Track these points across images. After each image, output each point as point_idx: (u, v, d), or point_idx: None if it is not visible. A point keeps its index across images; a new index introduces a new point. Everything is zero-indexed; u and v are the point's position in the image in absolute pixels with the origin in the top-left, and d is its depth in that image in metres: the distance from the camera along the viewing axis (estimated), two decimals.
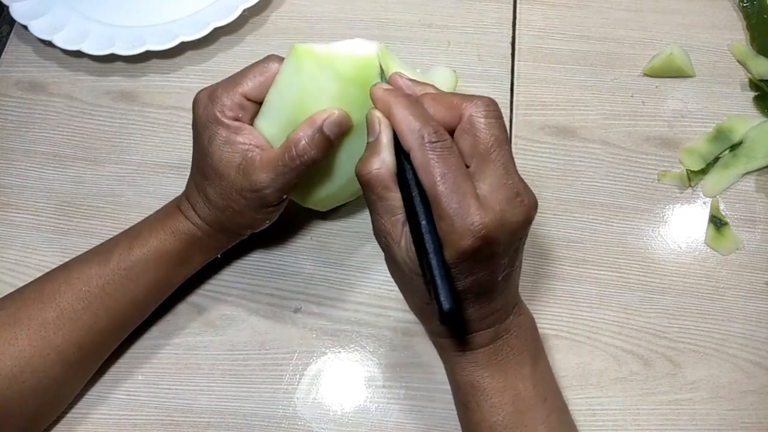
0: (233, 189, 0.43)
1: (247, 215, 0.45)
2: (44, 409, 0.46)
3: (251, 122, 0.44)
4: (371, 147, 0.38)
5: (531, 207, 0.37)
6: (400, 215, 0.38)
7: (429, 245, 0.36)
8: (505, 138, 0.37)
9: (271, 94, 0.43)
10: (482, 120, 0.37)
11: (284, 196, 0.44)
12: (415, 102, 0.38)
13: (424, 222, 0.36)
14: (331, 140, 0.42)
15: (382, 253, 0.53)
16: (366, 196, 0.39)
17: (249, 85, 0.43)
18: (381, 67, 0.41)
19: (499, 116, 0.37)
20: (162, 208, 0.49)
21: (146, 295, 0.47)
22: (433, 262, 0.35)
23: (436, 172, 0.35)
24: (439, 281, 0.35)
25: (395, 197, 0.38)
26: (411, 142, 0.36)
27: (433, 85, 0.41)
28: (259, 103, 0.44)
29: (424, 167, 0.36)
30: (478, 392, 0.41)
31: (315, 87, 0.41)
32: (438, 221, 0.36)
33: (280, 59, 0.43)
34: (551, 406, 0.42)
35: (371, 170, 0.38)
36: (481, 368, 0.41)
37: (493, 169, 0.36)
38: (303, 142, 0.41)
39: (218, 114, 0.43)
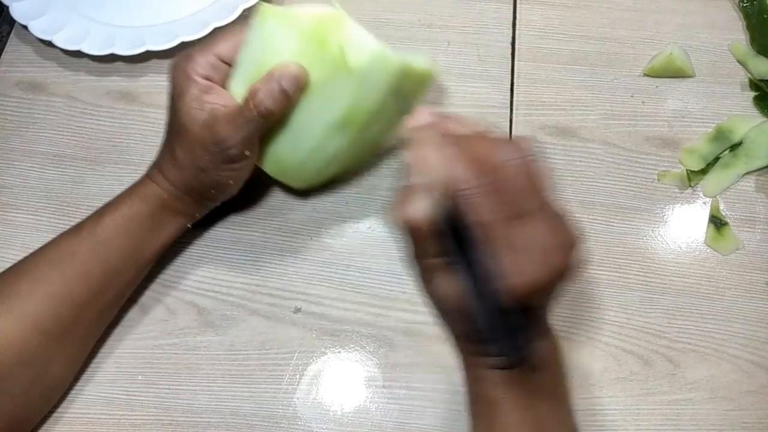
0: (198, 145, 0.45)
1: (211, 173, 0.46)
2: (32, 392, 0.45)
3: (221, 84, 0.46)
4: (411, 189, 0.36)
5: (572, 251, 0.35)
6: (435, 260, 0.36)
7: (488, 294, 0.34)
8: (542, 183, 0.35)
9: (239, 55, 0.46)
10: (520, 168, 0.35)
11: (246, 152, 0.45)
12: (454, 142, 0.35)
13: (478, 270, 0.34)
14: (288, 94, 0.43)
15: (383, 253, 0.54)
16: (406, 240, 0.37)
17: (222, 46, 0.45)
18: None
19: (534, 161, 0.35)
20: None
21: (117, 261, 0.47)
22: (494, 310, 0.34)
23: (485, 218, 0.33)
24: (506, 333, 0.35)
25: (431, 244, 0.35)
26: (458, 184, 0.34)
27: (457, 117, 0.39)
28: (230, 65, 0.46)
29: (475, 213, 0.34)
30: (502, 407, 0.39)
31: (277, 44, 0.44)
32: (491, 269, 0.34)
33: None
34: (570, 428, 0.41)
35: (407, 216, 0.35)
36: (507, 385, 0.39)
37: (541, 216, 0.35)
38: (260, 93, 0.43)
39: (190, 71, 0.45)
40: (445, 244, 0.35)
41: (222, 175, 0.46)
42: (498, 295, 0.34)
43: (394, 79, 0.43)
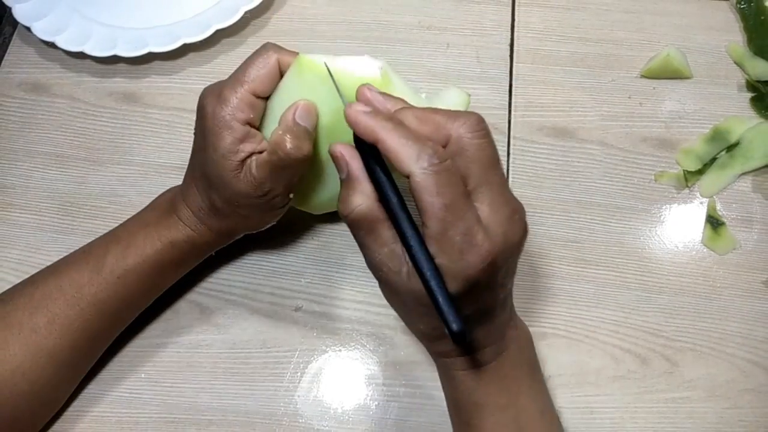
0: (240, 196, 0.43)
1: (254, 218, 0.46)
2: (37, 413, 0.46)
3: (258, 123, 0.43)
4: (346, 184, 0.36)
5: (525, 220, 0.36)
6: (395, 245, 0.35)
7: (429, 271, 0.34)
8: (498, 156, 0.36)
9: (273, 100, 0.43)
10: (474, 141, 0.35)
11: (291, 195, 0.45)
12: (400, 123, 0.35)
13: (419, 248, 0.34)
14: (310, 131, 0.41)
15: None
16: (354, 234, 0.37)
17: (255, 79, 0.41)
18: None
19: (488, 134, 0.35)
20: (154, 206, 0.48)
21: (139, 299, 0.48)
22: (434, 286, 0.34)
23: (439, 198, 0.33)
24: (444, 307, 0.33)
25: (386, 228, 0.35)
26: (411, 166, 0.33)
27: (403, 99, 0.38)
28: (266, 99, 0.43)
29: (426, 193, 0.33)
30: (482, 410, 0.39)
31: (315, 99, 0.42)
32: (440, 252, 0.34)
33: (277, 47, 0.43)
34: (549, 418, 0.42)
35: (354, 208, 0.35)
36: (484, 385, 0.39)
37: (490, 190, 0.35)
38: (288, 141, 0.40)
39: (228, 117, 0.41)
40: (392, 231, 0.35)
41: (267, 218, 0.46)
42: (452, 276, 0.34)
43: None
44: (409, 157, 0.33)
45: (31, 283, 0.46)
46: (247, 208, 0.44)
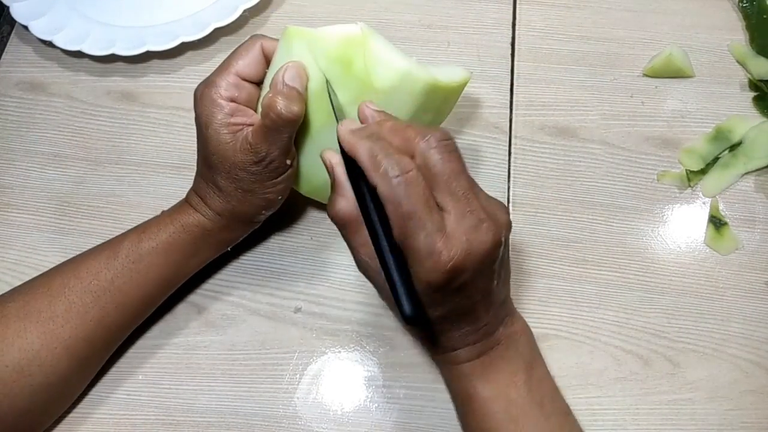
0: (239, 169, 0.44)
1: (258, 193, 0.46)
2: (51, 406, 0.47)
3: (247, 102, 0.45)
4: (332, 188, 0.39)
5: (498, 230, 0.37)
6: (369, 249, 0.38)
7: (387, 255, 0.36)
8: (461, 168, 0.37)
9: (267, 76, 0.45)
10: (436, 155, 0.36)
11: (288, 161, 0.45)
12: (377, 137, 0.37)
13: (383, 238, 0.36)
14: (300, 91, 0.42)
15: None
16: (342, 235, 0.40)
17: (240, 64, 0.44)
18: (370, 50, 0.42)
19: (452, 148, 0.37)
20: (172, 206, 0.49)
21: (155, 288, 0.48)
22: (392, 269, 0.36)
23: (400, 207, 0.35)
24: (399, 289, 0.35)
25: (364, 230, 0.38)
26: (376, 178, 0.36)
27: (392, 116, 0.40)
28: (254, 83, 0.45)
29: (391, 202, 0.36)
30: (472, 401, 0.42)
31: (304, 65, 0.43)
32: (407, 256, 0.36)
33: (264, 37, 0.45)
34: (550, 410, 0.42)
35: (336, 210, 0.39)
36: (473, 379, 0.42)
37: (454, 201, 0.36)
38: (275, 101, 0.42)
39: (214, 96, 0.44)
40: (369, 233, 0.37)
41: (270, 191, 0.46)
42: (402, 261, 0.36)
43: (421, 98, 0.43)
44: (375, 169, 0.36)
45: (49, 272, 0.47)
46: (248, 180, 0.45)
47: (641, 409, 0.48)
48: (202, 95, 0.45)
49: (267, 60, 0.45)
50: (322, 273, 0.53)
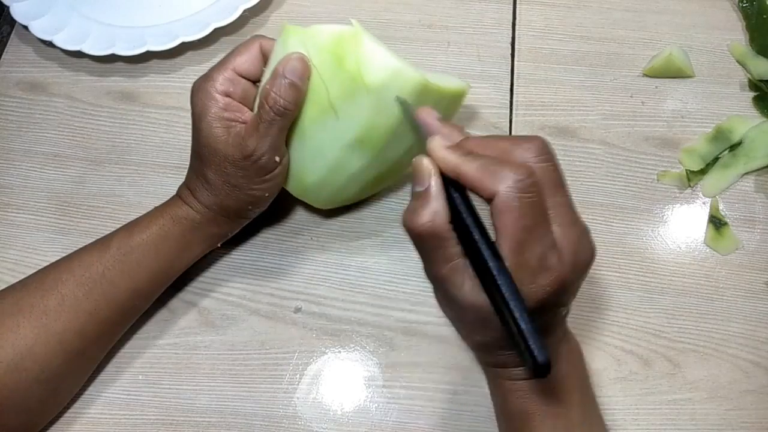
0: (227, 162, 0.44)
1: (246, 189, 0.46)
2: (47, 402, 0.46)
3: (242, 99, 0.46)
4: (420, 197, 0.36)
5: (592, 240, 0.36)
6: (459, 260, 0.35)
7: (510, 296, 0.33)
8: (562, 178, 0.36)
9: (264, 74, 0.46)
10: (540, 165, 0.35)
11: (276, 158, 0.45)
12: (477, 153, 0.35)
13: (497, 266, 0.33)
14: (298, 85, 0.42)
15: (383, 252, 0.54)
16: (417, 245, 0.37)
17: (237, 60, 0.45)
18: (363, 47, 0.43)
19: (553, 157, 0.35)
20: (164, 202, 0.50)
21: (146, 282, 0.47)
22: (518, 314, 0.33)
23: (521, 220, 0.33)
24: (529, 337, 0.32)
25: (452, 245, 0.35)
26: (495, 185, 0.33)
27: (461, 127, 0.39)
28: (251, 81, 0.46)
29: (508, 212, 0.33)
30: (533, 418, 0.39)
31: None
32: (516, 270, 0.34)
33: (264, 37, 0.46)
34: (598, 429, 0.41)
35: (424, 223, 0.35)
36: (537, 394, 0.39)
37: (560, 212, 0.35)
38: (271, 94, 0.42)
39: (210, 89, 0.44)
40: (462, 247, 0.35)
41: (257, 188, 0.46)
42: (524, 298, 0.33)
43: (413, 97, 0.43)
44: (492, 178, 0.33)
45: (43, 269, 0.47)
46: (236, 176, 0.45)
47: (641, 409, 0.48)
48: (198, 88, 0.45)
49: (265, 59, 0.46)
50: (322, 273, 0.53)
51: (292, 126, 0.45)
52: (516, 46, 0.62)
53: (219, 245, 0.51)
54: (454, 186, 0.35)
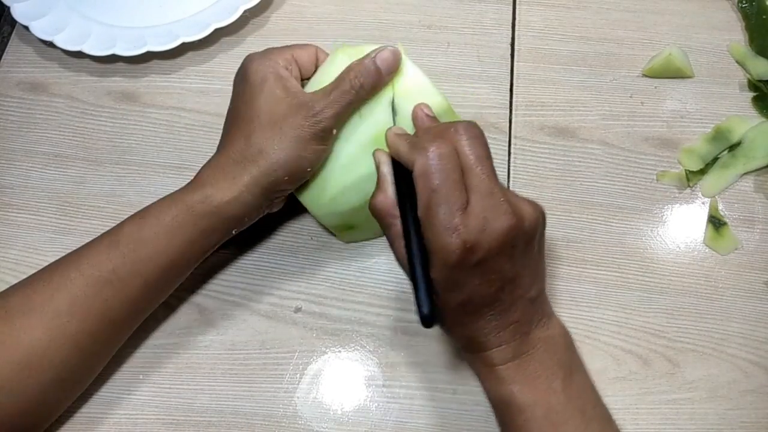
0: (287, 119, 0.44)
1: (293, 151, 0.44)
2: (60, 401, 0.46)
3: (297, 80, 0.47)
4: (377, 183, 0.43)
5: (518, 216, 0.39)
6: (397, 226, 0.41)
7: (414, 251, 0.39)
8: (486, 153, 0.40)
9: (310, 84, 0.48)
10: (465, 141, 0.39)
11: (334, 131, 0.45)
12: (412, 137, 0.42)
13: (414, 236, 0.39)
14: (381, 72, 0.44)
15: (382, 252, 0.54)
16: (381, 228, 0.43)
17: (297, 50, 0.47)
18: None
19: (479, 135, 0.40)
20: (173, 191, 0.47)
21: (159, 277, 0.45)
22: (416, 268, 0.38)
23: (431, 180, 0.38)
24: (420, 286, 0.38)
25: (399, 223, 0.41)
26: (412, 155, 0.39)
27: (437, 121, 0.44)
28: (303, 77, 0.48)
29: (422, 176, 0.38)
30: (511, 407, 0.41)
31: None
32: (425, 231, 0.38)
33: (319, 48, 0.49)
34: (591, 416, 0.41)
35: (375, 203, 0.42)
36: (510, 383, 0.41)
37: (478, 182, 0.38)
38: (355, 69, 0.44)
39: (272, 61, 0.46)
40: (402, 222, 0.40)
41: (305, 156, 0.44)
42: (424, 261, 0.39)
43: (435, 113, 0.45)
44: (414, 151, 0.39)
45: (50, 267, 0.45)
46: (290, 135, 0.44)
47: (641, 408, 0.49)
48: (259, 57, 0.46)
49: (316, 68, 0.48)
50: (322, 273, 0.53)
51: None
52: (516, 47, 0.62)
53: (234, 232, 0.47)
54: (404, 176, 0.41)
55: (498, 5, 0.64)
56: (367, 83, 0.44)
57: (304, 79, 0.48)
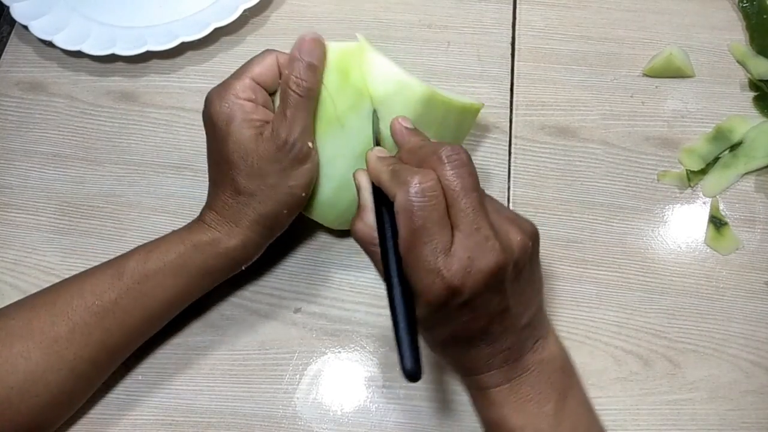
0: (262, 161, 0.43)
1: (283, 186, 0.44)
2: (55, 422, 0.46)
3: (264, 105, 0.45)
4: (357, 208, 0.41)
5: (507, 250, 0.37)
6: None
7: (396, 299, 0.36)
8: (471, 184, 0.37)
9: (281, 87, 0.45)
10: (449, 171, 0.36)
11: (309, 144, 0.44)
12: (396, 163, 0.39)
13: (396, 278, 0.36)
14: (314, 65, 0.43)
15: None
16: (365, 253, 0.41)
17: (255, 70, 0.45)
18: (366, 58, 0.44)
19: (463, 163, 0.37)
20: (182, 227, 0.48)
21: (161, 309, 0.46)
22: (399, 319, 0.35)
23: (414, 219, 0.35)
24: (403, 342, 0.35)
25: (378, 251, 0.38)
26: (394, 189, 0.37)
27: (423, 135, 0.41)
28: (268, 92, 0.46)
29: (404, 212, 0.36)
30: (501, 430, 0.40)
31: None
32: (407, 270, 0.36)
33: (278, 51, 0.46)
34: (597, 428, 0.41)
35: (356, 229, 0.40)
36: (501, 407, 0.40)
37: (462, 217, 0.36)
38: (291, 77, 0.43)
39: (232, 96, 0.44)
40: (382, 253, 0.38)
41: (294, 184, 0.44)
42: (409, 305, 0.36)
43: (419, 107, 0.43)
44: (393, 180, 0.37)
45: (53, 289, 0.46)
46: (272, 173, 0.44)
47: (641, 409, 0.48)
48: (218, 96, 0.44)
49: (281, 73, 0.45)
50: (322, 273, 0.53)
51: None
52: (516, 46, 0.62)
53: (243, 268, 0.48)
54: (385, 202, 0.38)
55: (498, 5, 0.64)
56: (310, 79, 0.43)
57: (272, 94, 0.46)
